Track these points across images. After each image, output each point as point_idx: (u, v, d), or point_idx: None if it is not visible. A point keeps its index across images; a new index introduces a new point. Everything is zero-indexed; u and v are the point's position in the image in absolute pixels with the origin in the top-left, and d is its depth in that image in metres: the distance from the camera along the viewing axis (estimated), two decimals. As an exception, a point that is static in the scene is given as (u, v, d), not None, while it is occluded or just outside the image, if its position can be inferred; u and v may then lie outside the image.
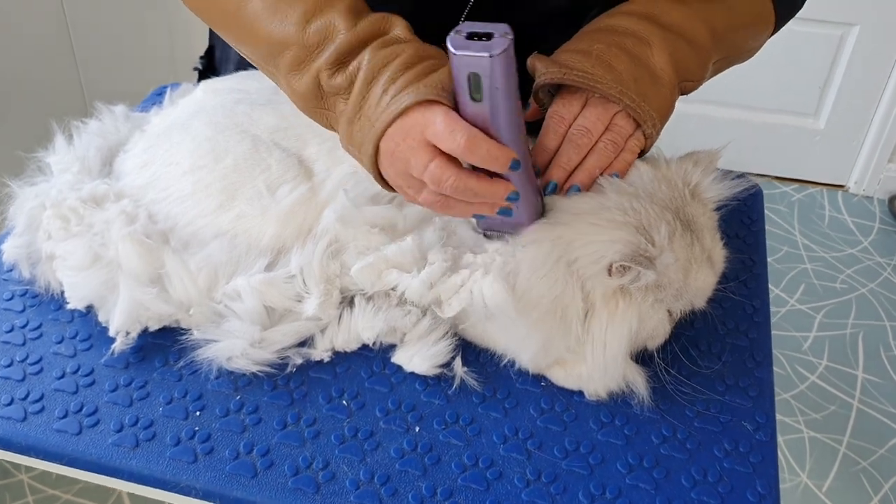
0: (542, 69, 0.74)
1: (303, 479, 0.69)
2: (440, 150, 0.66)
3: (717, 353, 0.82)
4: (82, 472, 0.72)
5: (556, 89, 0.77)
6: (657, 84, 0.76)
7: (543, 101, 0.78)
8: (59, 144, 0.92)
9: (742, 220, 0.98)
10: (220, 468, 0.69)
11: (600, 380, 0.76)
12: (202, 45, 1.13)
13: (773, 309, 2.28)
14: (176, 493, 0.70)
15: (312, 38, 0.72)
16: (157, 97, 1.10)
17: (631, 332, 0.73)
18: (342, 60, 0.70)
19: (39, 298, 0.83)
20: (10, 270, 0.85)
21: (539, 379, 0.77)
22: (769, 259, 2.40)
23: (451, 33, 0.63)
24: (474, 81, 0.64)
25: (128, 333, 0.78)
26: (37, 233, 0.83)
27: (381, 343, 0.79)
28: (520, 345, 0.76)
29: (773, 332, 2.18)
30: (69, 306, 0.80)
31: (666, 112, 0.78)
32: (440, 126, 0.65)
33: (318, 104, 0.73)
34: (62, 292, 0.82)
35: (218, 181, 0.82)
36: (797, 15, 0.90)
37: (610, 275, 0.72)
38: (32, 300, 0.83)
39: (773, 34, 0.88)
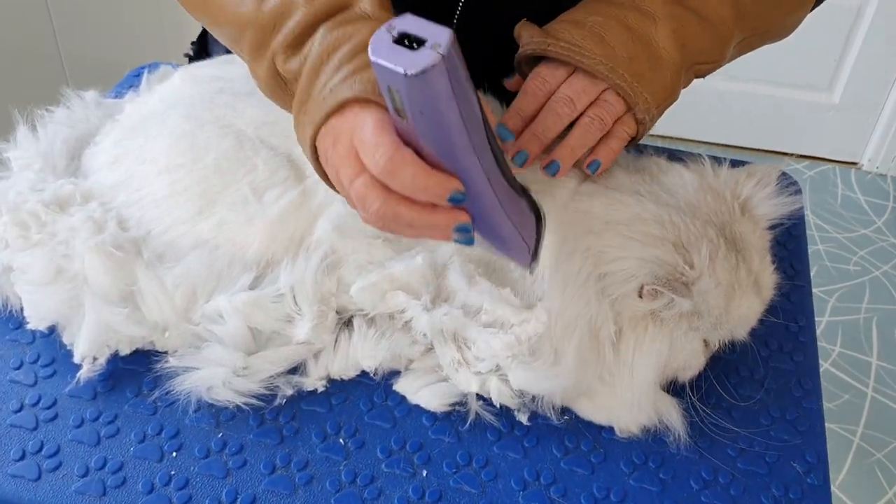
0: (527, 38, 0.67)
1: (294, 534, 0.60)
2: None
3: (760, 379, 0.73)
4: (42, 523, 0.63)
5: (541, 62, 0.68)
6: (656, 65, 0.67)
7: (527, 74, 0.69)
8: (21, 136, 0.82)
9: (782, 223, 0.88)
10: (199, 522, 0.61)
11: (630, 413, 0.67)
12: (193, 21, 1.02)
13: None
14: (149, 550, 0.61)
15: (268, 17, 0.61)
16: (135, 79, 1.00)
17: (660, 362, 0.64)
18: (297, 42, 0.60)
19: (-4, 316, 0.74)
20: (-37, 283, 0.76)
21: (563, 412, 0.68)
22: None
23: (381, 29, 0.48)
24: (394, 96, 0.50)
25: (95, 359, 0.68)
26: (-7, 241, 0.73)
27: (382, 369, 0.70)
28: (555, 377, 0.66)
29: (786, 317, 2.11)
30: (29, 326, 0.71)
31: (664, 97, 0.68)
32: (367, 136, 0.53)
33: (283, 91, 0.62)
34: (22, 309, 0.72)
35: (197, 183, 0.72)
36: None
37: (640, 297, 0.63)
38: (-13, 318, 0.74)
39: (815, 6, 0.79)
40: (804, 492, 0.65)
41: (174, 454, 0.64)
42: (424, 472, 0.64)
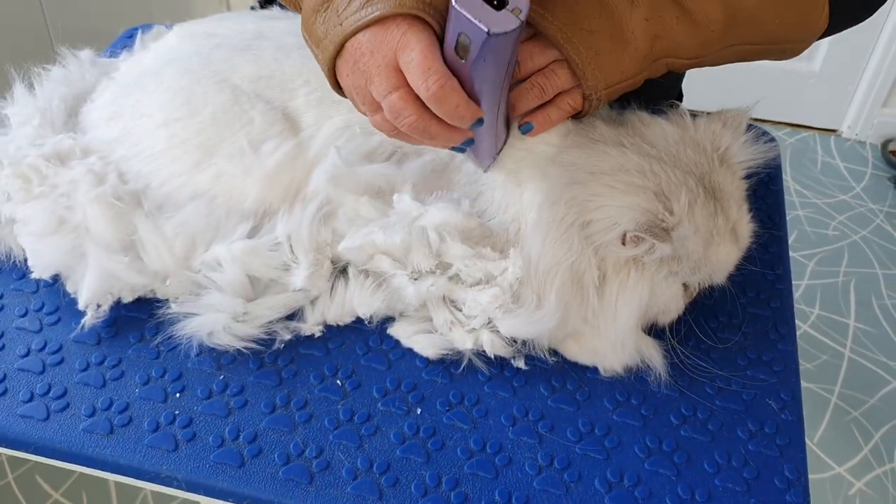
0: None
1: (295, 468, 0.63)
2: (407, 80, 0.59)
3: (738, 324, 0.76)
4: (49, 460, 0.65)
5: None
6: (619, 46, 0.68)
7: None
8: (19, 93, 0.83)
9: (761, 178, 0.91)
10: (203, 457, 0.63)
11: (614, 354, 0.70)
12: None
13: (764, 257, 2.23)
14: (156, 483, 0.63)
15: None
16: (128, 40, 1.02)
17: (641, 304, 0.67)
18: None
19: (0, 266, 0.76)
20: (-34, 235, 0.78)
21: (550, 354, 0.71)
22: (761, 205, 2.36)
23: None
24: (463, 42, 0.56)
25: (98, 306, 0.71)
26: (-5, 194, 0.75)
27: (377, 317, 0.73)
28: (538, 321, 0.69)
29: (766, 280, 2.15)
30: (33, 275, 0.73)
31: (617, 79, 0.69)
32: (415, 60, 0.57)
33: None
34: (25, 259, 0.74)
35: (194, 136, 0.75)
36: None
37: (623, 244, 0.66)
38: (-8, 268, 0.76)
39: (827, 34, 0.76)
40: (778, 427, 0.68)
41: (178, 395, 0.67)
42: (419, 410, 0.67)
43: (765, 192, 0.89)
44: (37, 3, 1.76)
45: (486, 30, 0.53)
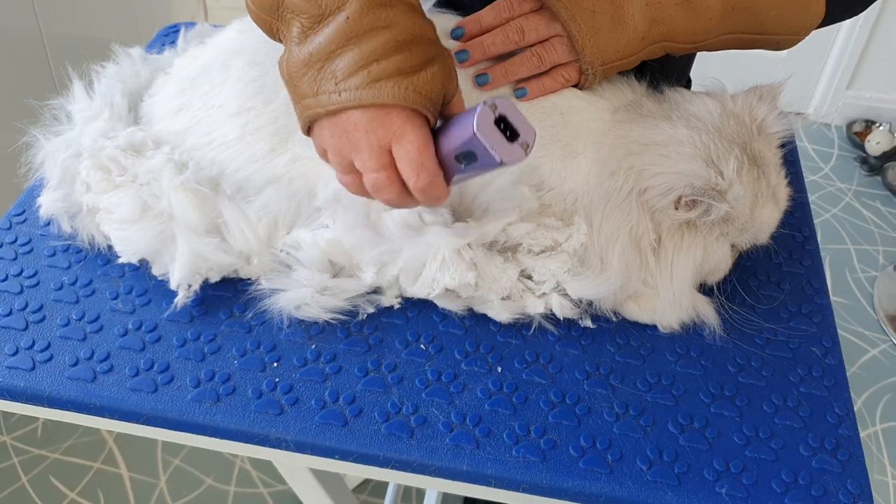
0: None
1: (395, 424, 0.68)
2: (395, 163, 0.62)
3: (777, 281, 0.83)
4: (161, 429, 0.69)
5: None
6: (618, 27, 0.73)
7: None
8: (78, 91, 0.87)
9: (786, 142, 0.98)
10: (309, 418, 0.68)
11: (672, 312, 0.76)
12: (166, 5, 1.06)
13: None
14: (266, 446, 0.68)
15: None
16: (165, 37, 1.05)
17: (695, 264, 0.73)
18: None
19: (84, 254, 0.80)
20: (47, 225, 0.81)
21: (611, 314, 0.77)
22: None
23: (485, 105, 0.58)
24: (467, 156, 0.60)
25: (189, 286, 0.75)
26: (73, 185, 0.79)
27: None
28: (604, 282, 0.75)
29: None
30: (120, 261, 0.77)
31: (614, 58, 0.74)
32: (411, 154, 0.61)
33: (273, 14, 0.64)
34: (109, 246, 0.78)
35: (269, 124, 0.79)
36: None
37: (677, 208, 0.72)
38: (77, 255, 0.79)
39: (822, 24, 0.80)
40: (824, 370, 0.75)
41: (275, 364, 0.72)
42: (499, 369, 0.73)
43: (785, 161, 0.96)
44: (31, 13, 1.77)
45: (498, 160, 0.58)
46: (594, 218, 0.74)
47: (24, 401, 0.69)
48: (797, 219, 0.89)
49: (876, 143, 2.53)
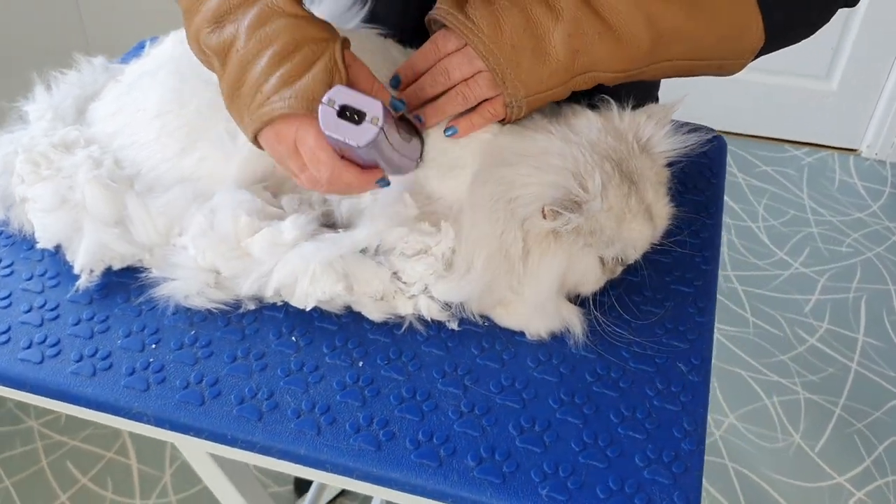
0: (438, 3, 0.76)
1: (247, 407, 0.73)
2: None
3: (661, 299, 0.84)
4: (42, 398, 0.76)
5: None
6: (540, 59, 0.74)
7: (435, 31, 0.80)
8: (39, 94, 0.95)
9: (703, 172, 0.99)
10: (170, 396, 0.73)
11: (537, 318, 0.78)
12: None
13: (775, 272, 2.28)
14: (128, 419, 0.74)
15: None
16: (140, 49, 1.14)
17: (559, 272, 0.75)
18: (218, 20, 0.71)
19: (13, 239, 0.88)
20: (-13, 213, 0.90)
21: (483, 319, 0.80)
22: (775, 222, 2.41)
23: (324, 104, 0.64)
24: (342, 149, 0.67)
25: (92, 271, 0.82)
26: (11, 177, 0.87)
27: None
28: (466, 285, 0.78)
29: (774, 294, 2.20)
30: (39, 246, 0.84)
31: (538, 90, 0.76)
32: (307, 152, 0.68)
33: (201, 52, 0.74)
34: (33, 233, 0.85)
35: (181, 127, 0.85)
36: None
37: (544, 217, 0.74)
38: (6, 240, 0.88)
39: (768, 50, 0.80)
40: (684, 386, 0.76)
41: (153, 346, 0.78)
42: (361, 363, 0.77)
43: (705, 184, 0.97)
44: (75, 13, 1.90)
45: (356, 145, 0.64)
46: (464, 223, 0.78)
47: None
48: (702, 240, 0.90)
49: (925, 183, 2.44)
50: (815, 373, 2.04)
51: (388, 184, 0.73)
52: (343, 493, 1.76)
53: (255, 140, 0.72)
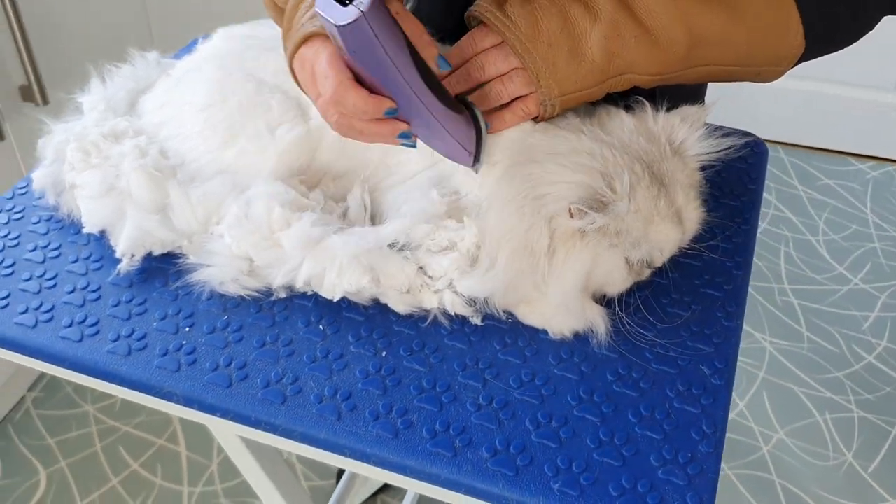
0: (477, 1, 0.77)
1: (272, 391, 0.75)
2: None
3: (689, 302, 0.83)
4: (80, 375, 0.79)
5: None
6: (576, 60, 0.75)
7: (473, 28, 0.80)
8: (94, 86, 1.00)
9: (741, 177, 0.98)
10: (199, 378, 0.76)
11: (561, 316, 0.79)
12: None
13: (833, 287, 2.23)
14: (160, 398, 0.76)
15: None
16: (192, 46, 1.17)
17: (584, 271, 0.76)
18: None
19: (62, 223, 0.92)
20: (40, 198, 0.94)
21: (507, 315, 0.81)
22: (835, 236, 2.36)
23: None
24: (335, 38, 0.67)
25: (133, 256, 0.85)
26: (63, 164, 0.91)
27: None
28: (489, 280, 0.79)
29: (831, 309, 2.15)
30: (85, 230, 0.88)
31: (573, 89, 0.76)
32: (321, 67, 0.70)
33: (279, 16, 0.79)
34: (81, 218, 0.89)
35: (223, 120, 0.88)
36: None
37: (570, 216, 0.75)
38: (56, 224, 0.92)
39: (806, 58, 0.80)
40: (706, 388, 0.75)
41: (187, 329, 0.80)
42: (384, 353, 0.78)
43: (742, 190, 0.96)
44: (142, 12, 1.97)
45: (334, 23, 0.64)
46: (490, 218, 0.79)
47: (-25, 338, 0.81)
48: (735, 245, 0.89)
49: None
50: (872, 391, 1.99)
51: (408, 137, 0.73)
52: (381, 489, 1.78)
53: (294, 75, 0.76)
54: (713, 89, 1.07)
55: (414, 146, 0.75)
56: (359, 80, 0.70)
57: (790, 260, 2.33)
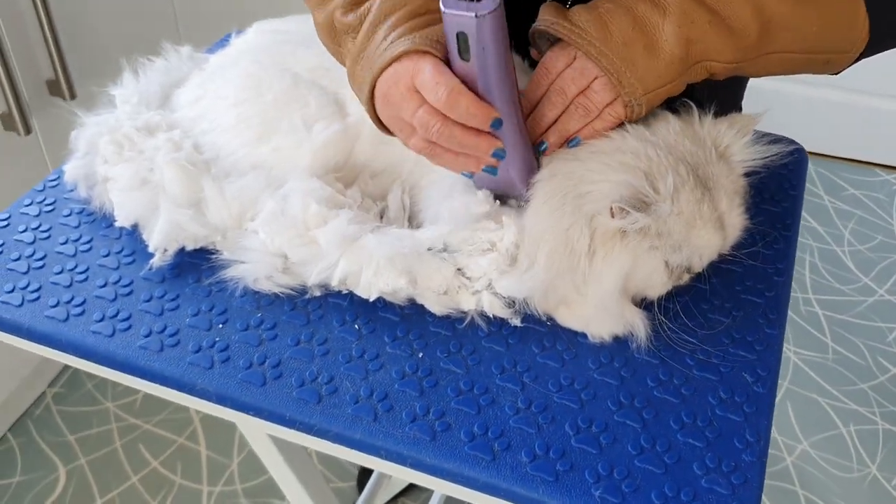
0: (540, 16, 0.75)
1: (307, 390, 0.73)
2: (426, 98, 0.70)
3: (730, 308, 0.82)
4: (110, 370, 0.78)
5: (556, 39, 0.77)
6: (653, 54, 0.73)
7: (542, 48, 0.78)
8: (127, 79, 0.99)
9: (782, 183, 0.97)
10: (232, 375, 0.75)
11: (600, 319, 0.77)
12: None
13: (858, 298, 2.21)
14: (192, 395, 0.75)
15: None
16: (226, 41, 1.17)
17: (623, 272, 0.74)
18: (356, 1, 0.74)
19: (94, 216, 0.91)
20: (72, 190, 0.93)
21: (546, 318, 0.80)
22: (861, 247, 2.33)
23: None
24: (462, 40, 0.66)
25: (165, 250, 0.84)
26: (95, 157, 0.90)
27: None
28: (528, 280, 0.77)
29: (856, 320, 2.13)
30: (117, 224, 0.87)
31: (656, 85, 0.74)
32: (427, 76, 0.68)
33: (333, 39, 0.77)
34: (113, 212, 0.88)
35: (258, 115, 0.87)
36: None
37: (612, 215, 0.73)
38: (87, 217, 0.91)
39: (872, 51, 0.78)
40: (749, 396, 0.74)
41: (221, 326, 0.79)
42: (420, 354, 0.77)
43: (783, 196, 0.95)
44: (170, 6, 1.96)
45: (473, 14, 0.64)
46: (530, 217, 0.77)
47: (7, 331, 0.80)
48: (776, 251, 0.88)
49: None
50: (897, 404, 1.97)
51: (501, 156, 0.73)
52: (403, 492, 1.77)
53: (371, 95, 0.74)
54: (748, 100, 1.06)
55: (496, 173, 0.74)
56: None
57: (815, 270, 2.30)
